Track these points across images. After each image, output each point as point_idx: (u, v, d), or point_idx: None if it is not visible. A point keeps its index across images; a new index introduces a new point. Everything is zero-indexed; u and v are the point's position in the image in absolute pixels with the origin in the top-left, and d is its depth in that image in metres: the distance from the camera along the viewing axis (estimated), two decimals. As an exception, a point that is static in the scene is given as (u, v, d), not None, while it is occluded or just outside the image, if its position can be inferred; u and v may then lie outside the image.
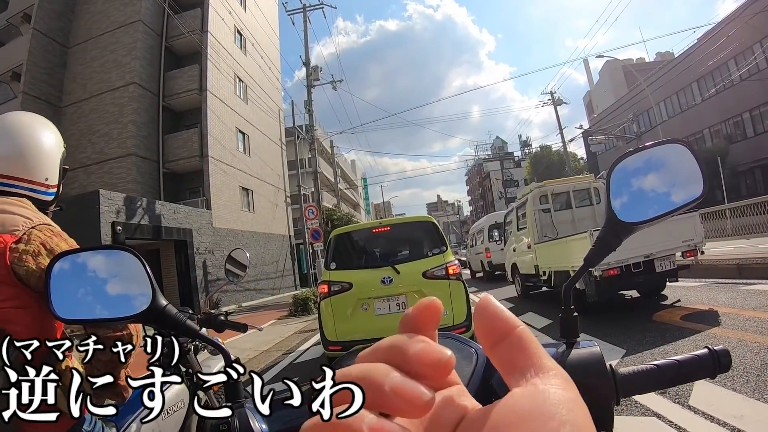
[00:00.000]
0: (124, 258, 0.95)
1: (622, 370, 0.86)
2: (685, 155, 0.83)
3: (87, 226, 16.22)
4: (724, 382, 4.00)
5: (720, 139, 33.85)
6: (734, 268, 9.85)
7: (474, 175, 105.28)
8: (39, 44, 24.43)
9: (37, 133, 1.64)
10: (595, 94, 62.76)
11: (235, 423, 0.80)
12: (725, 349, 0.86)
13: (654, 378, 0.86)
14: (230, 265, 3.29)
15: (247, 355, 9.15)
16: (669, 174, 0.82)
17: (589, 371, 0.82)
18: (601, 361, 0.83)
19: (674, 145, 0.84)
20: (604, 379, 0.82)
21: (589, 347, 0.86)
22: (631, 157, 0.84)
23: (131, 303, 0.93)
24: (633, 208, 0.82)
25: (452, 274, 6.16)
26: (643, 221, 0.82)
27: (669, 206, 0.81)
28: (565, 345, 0.88)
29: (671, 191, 0.81)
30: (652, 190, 0.82)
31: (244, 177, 28.98)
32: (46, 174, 1.65)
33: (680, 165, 0.82)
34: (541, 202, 11.26)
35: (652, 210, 0.81)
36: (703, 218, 8.53)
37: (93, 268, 0.95)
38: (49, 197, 1.69)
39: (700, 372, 0.86)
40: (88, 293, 0.94)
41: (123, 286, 0.94)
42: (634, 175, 0.83)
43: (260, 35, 33.59)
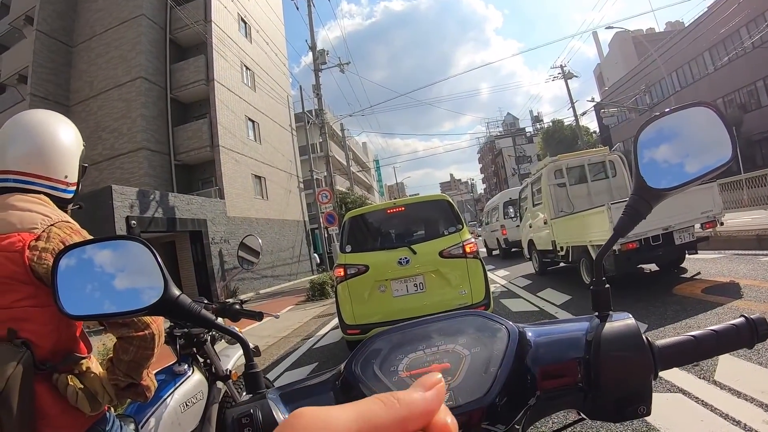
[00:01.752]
0: (133, 248, 0.91)
1: (659, 342, 0.82)
2: (711, 118, 0.80)
3: (101, 222, 16.35)
4: (750, 356, 3.93)
5: (734, 109, 33.24)
6: (754, 239, 9.73)
7: (486, 152, 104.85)
8: (43, 45, 24.56)
9: (56, 130, 1.63)
10: (606, 67, 62.09)
11: (257, 414, 0.76)
12: (762, 317, 0.82)
13: (692, 349, 0.83)
14: (243, 252, 3.27)
15: (267, 342, 9.19)
16: (695, 138, 0.81)
17: (625, 344, 0.78)
18: (638, 334, 0.79)
19: (700, 108, 0.81)
20: (641, 352, 0.78)
21: (624, 319, 0.83)
22: (657, 121, 0.83)
23: (143, 295, 0.89)
24: (661, 174, 0.81)
25: (469, 252, 6.08)
26: (673, 187, 0.80)
27: (698, 171, 0.79)
28: (598, 318, 0.85)
29: (698, 156, 0.79)
30: (679, 156, 0.80)
31: (256, 165, 29.05)
32: (66, 171, 1.63)
33: (707, 129, 0.80)
34: (555, 177, 11.12)
35: (681, 175, 0.80)
36: (720, 189, 8.40)
37: (101, 261, 0.93)
38: (68, 195, 1.67)
39: (739, 341, 0.82)
40: (97, 287, 0.91)
41: (133, 278, 0.91)
42: (660, 141, 0.82)
43: (265, 22, 33.49)
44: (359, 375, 0.78)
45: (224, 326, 0.97)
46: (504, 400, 0.72)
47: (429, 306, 5.87)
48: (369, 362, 0.81)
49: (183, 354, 2.54)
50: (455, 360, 0.78)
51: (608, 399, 0.78)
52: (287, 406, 0.81)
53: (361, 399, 0.76)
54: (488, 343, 0.80)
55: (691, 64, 37.34)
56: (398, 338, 0.86)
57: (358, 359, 0.82)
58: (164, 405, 2.19)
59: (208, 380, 2.58)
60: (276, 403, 0.80)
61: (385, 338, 0.87)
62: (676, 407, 3.36)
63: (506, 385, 0.72)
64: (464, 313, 0.90)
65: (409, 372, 0.77)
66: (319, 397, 0.83)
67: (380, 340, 0.87)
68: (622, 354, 0.78)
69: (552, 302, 8.26)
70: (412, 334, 0.86)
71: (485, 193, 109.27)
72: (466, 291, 5.98)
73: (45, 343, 1.41)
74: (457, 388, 0.72)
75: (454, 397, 0.71)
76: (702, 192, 7.76)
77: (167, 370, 2.43)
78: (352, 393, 0.77)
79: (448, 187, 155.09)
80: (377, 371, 0.79)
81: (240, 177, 26.67)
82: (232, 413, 0.78)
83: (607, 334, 0.80)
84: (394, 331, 0.89)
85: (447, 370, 0.76)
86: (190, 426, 2.33)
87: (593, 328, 0.82)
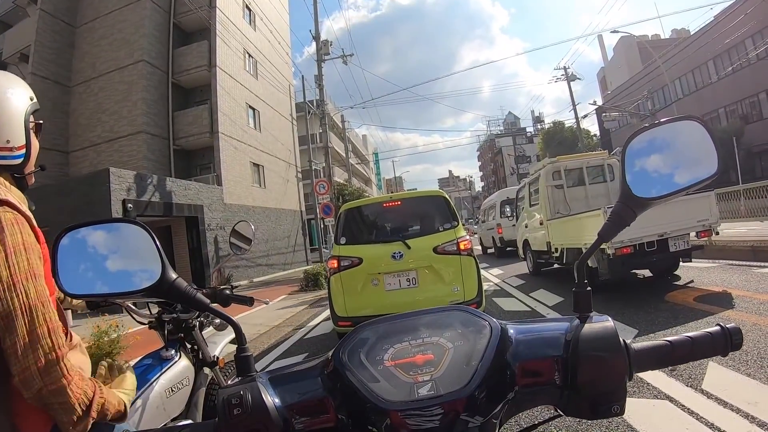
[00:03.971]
0: (133, 231, 0.96)
1: (635, 345, 0.86)
2: (699, 132, 0.84)
3: (98, 204, 16.36)
4: (738, 367, 3.96)
5: (735, 119, 33.38)
6: (749, 250, 9.74)
7: (486, 150, 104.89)
8: (46, 25, 24.46)
9: None
10: (609, 71, 62.06)
11: (247, 397, 0.78)
12: (737, 326, 0.86)
13: (667, 354, 0.87)
14: (234, 238, 3.29)
15: (258, 330, 9.22)
16: (684, 150, 0.84)
17: (602, 345, 0.82)
18: (615, 336, 0.82)
19: (689, 122, 0.85)
20: (617, 353, 0.81)
21: (603, 321, 0.85)
22: (646, 132, 0.86)
23: (141, 277, 0.93)
24: (648, 184, 0.84)
25: (463, 249, 6.08)
26: (657, 197, 0.84)
27: (683, 183, 0.83)
28: (578, 319, 0.88)
29: (685, 168, 0.83)
30: (667, 166, 0.84)
31: (255, 153, 29.02)
32: (7, 136, 1.48)
33: (695, 142, 0.84)
34: (554, 178, 11.15)
35: (666, 186, 0.83)
36: (717, 199, 8.42)
37: (101, 242, 0.97)
38: (16, 160, 1.51)
39: (713, 349, 0.87)
40: (96, 268, 0.95)
41: (132, 260, 0.95)
42: (649, 151, 0.85)
43: (269, 10, 33.41)
44: (346, 362, 0.82)
45: (218, 310, 0.99)
46: (483, 393, 0.75)
47: (421, 301, 5.87)
48: (356, 351, 0.84)
49: (171, 339, 2.56)
50: (439, 352, 0.81)
51: (584, 397, 0.81)
52: (276, 389, 0.84)
53: (348, 386, 0.79)
54: (471, 338, 0.83)
55: (695, 73, 37.38)
56: (385, 329, 0.90)
57: (346, 347, 0.85)
58: (150, 389, 2.19)
59: (195, 366, 2.59)
60: (265, 386, 0.82)
61: (372, 328, 0.90)
62: (662, 414, 3.38)
63: (486, 379, 0.75)
64: (450, 308, 0.93)
65: (395, 362, 0.81)
66: (308, 382, 0.86)
67: (368, 329, 0.90)
68: (599, 354, 0.81)
69: (544, 303, 8.28)
70: (398, 326, 0.90)
71: (483, 191, 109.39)
72: (459, 288, 5.98)
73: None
74: (439, 379, 0.76)
75: (436, 387, 0.74)
76: (699, 200, 7.78)
77: (154, 354, 2.43)
78: (339, 380, 0.81)
79: (447, 184, 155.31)
80: (364, 360, 0.82)
81: (238, 164, 26.63)
82: (222, 394, 0.80)
83: (586, 334, 0.83)
84: (382, 322, 0.92)
85: (430, 361, 0.80)
86: (176, 411, 2.34)
87: (573, 328, 0.85)
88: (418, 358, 0.81)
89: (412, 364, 0.80)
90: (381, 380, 0.78)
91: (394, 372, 0.79)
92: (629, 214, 0.86)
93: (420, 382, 0.76)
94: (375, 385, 0.77)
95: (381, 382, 0.77)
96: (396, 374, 0.79)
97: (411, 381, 0.77)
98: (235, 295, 2.85)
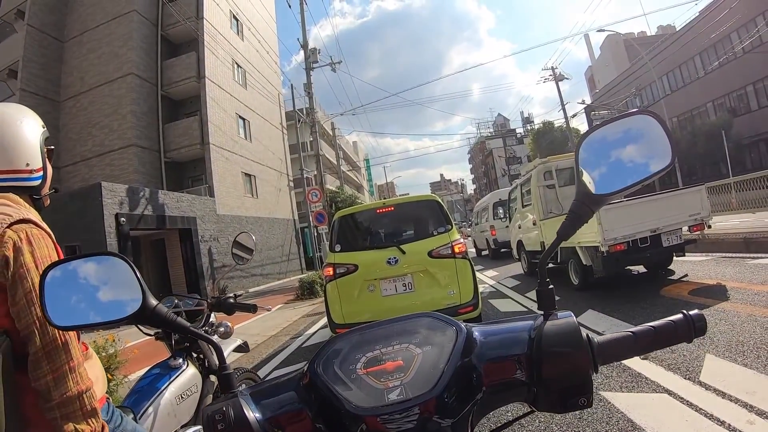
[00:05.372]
0: (114, 263, 1.00)
1: (599, 338, 0.88)
2: (653, 126, 0.85)
3: (91, 218, 16.30)
4: (735, 358, 3.99)
5: (724, 113, 33.60)
6: (741, 242, 9.81)
7: (477, 152, 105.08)
8: (34, 40, 24.39)
9: (9, 123, 1.58)
10: (597, 69, 62.44)
11: (229, 413, 0.82)
12: (701, 313, 0.88)
13: (630, 345, 0.88)
14: (237, 249, 3.36)
15: (255, 340, 9.19)
16: (637, 145, 0.85)
17: (565, 341, 0.84)
18: (577, 330, 0.85)
19: (643, 116, 0.87)
20: (580, 348, 0.84)
21: (566, 318, 0.88)
22: (600, 129, 0.88)
23: (123, 306, 0.97)
24: (603, 180, 0.86)
25: (458, 252, 6.09)
26: (612, 192, 0.85)
27: (638, 176, 0.84)
28: (543, 317, 0.90)
29: (640, 161, 0.84)
30: (622, 161, 0.86)
31: (246, 163, 28.99)
32: (26, 159, 1.59)
33: (649, 135, 0.85)
34: (545, 178, 11.15)
35: (621, 181, 0.84)
36: (708, 192, 8.46)
37: (85, 275, 1.00)
38: (35, 182, 1.64)
39: (676, 336, 0.88)
40: (82, 299, 0.99)
41: (114, 291, 0.99)
42: (603, 148, 0.87)
43: (257, 20, 33.45)
44: (321, 374, 0.85)
45: (197, 332, 1.03)
46: (452, 394, 0.78)
47: (418, 306, 5.87)
48: (330, 362, 0.87)
49: (177, 349, 2.61)
50: (408, 358, 0.85)
51: (551, 392, 0.84)
52: (257, 404, 0.87)
53: (323, 396, 0.81)
54: (439, 342, 0.87)
55: (682, 68, 37.66)
56: (357, 338, 0.93)
57: (320, 359, 0.88)
58: (161, 397, 2.25)
59: (202, 374, 2.62)
60: (247, 402, 0.86)
61: (345, 339, 0.94)
62: (661, 407, 3.40)
63: (453, 381, 0.79)
64: (419, 315, 0.96)
65: (366, 369, 0.84)
66: (286, 395, 0.89)
67: (341, 340, 0.93)
68: (562, 350, 0.83)
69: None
70: (370, 335, 0.93)
71: (475, 194, 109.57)
72: (455, 291, 5.99)
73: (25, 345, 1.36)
74: (408, 383, 0.79)
75: (405, 392, 0.78)
76: (690, 195, 7.84)
77: (163, 364, 2.50)
78: (315, 391, 0.84)
79: (439, 187, 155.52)
80: (337, 370, 0.85)
81: (230, 175, 26.60)
82: (207, 411, 0.84)
83: (548, 331, 0.86)
84: (354, 332, 0.95)
85: (400, 367, 0.83)
86: (185, 418, 2.38)
87: (536, 326, 0.88)
88: (389, 365, 0.84)
89: (383, 371, 0.83)
90: (353, 388, 0.81)
91: (366, 379, 0.82)
92: (586, 212, 0.88)
93: (390, 388, 0.79)
94: (348, 393, 0.80)
95: (353, 390, 0.80)
96: (368, 381, 0.82)
97: (382, 387, 0.80)
98: (239, 303, 2.90)
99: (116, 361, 5.70)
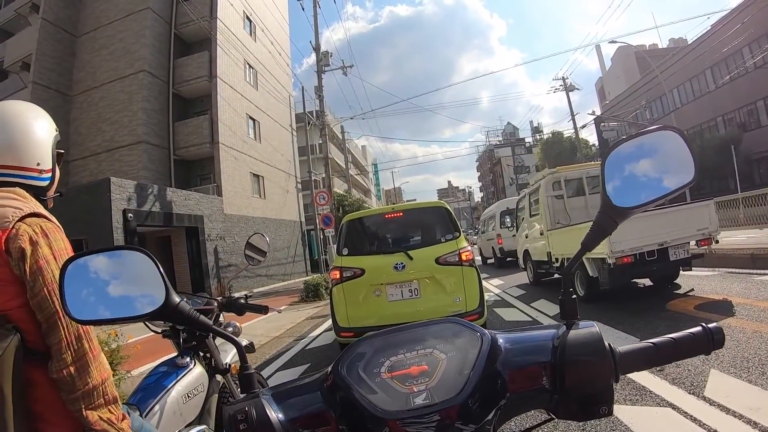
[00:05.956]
0: (137, 258, 0.98)
1: (620, 348, 0.89)
2: (676, 142, 0.87)
3: (98, 213, 16.36)
4: (740, 374, 3.98)
5: (733, 127, 33.48)
6: (748, 258, 9.76)
7: (485, 161, 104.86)
8: (48, 34, 24.56)
9: (24, 121, 1.59)
10: (608, 81, 62.25)
11: (252, 413, 0.82)
12: (719, 326, 0.89)
13: (651, 355, 0.89)
14: (249, 250, 3.36)
15: (259, 341, 9.19)
16: (661, 160, 0.87)
17: (588, 350, 0.85)
18: (600, 340, 0.86)
19: (666, 132, 0.88)
20: (602, 357, 0.85)
21: (588, 327, 0.89)
22: (626, 143, 0.89)
23: (145, 302, 0.96)
24: (627, 193, 0.87)
25: (465, 260, 6.08)
26: (636, 206, 0.87)
27: (661, 191, 0.86)
28: (565, 326, 0.91)
29: (663, 177, 0.86)
30: (645, 176, 0.87)
31: (255, 163, 29.04)
32: (38, 159, 1.60)
33: (672, 151, 0.87)
34: (554, 189, 11.15)
35: (644, 195, 0.86)
36: (716, 207, 8.44)
37: (106, 269, 0.99)
38: (43, 182, 1.64)
39: (695, 348, 0.89)
40: (103, 294, 0.97)
41: (136, 286, 0.97)
42: (628, 161, 0.88)
43: (270, 21, 33.52)
44: (345, 376, 0.85)
45: (221, 330, 1.03)
46: (476, 401, 0.79)
47: (423, 312, 5.86)
48: (354, 365, 0.88)
49: (185, 348, 2.61)
50: (433, 362, 0.85)
51: (573, 400, 0.85)
52: (279, 404, 0.87)
53: (347, 398, 0.81)
54: (463, 348, 0.88)
55: (693, 82, 37.51)
56: (381, 342, 0.94)
57: (344, 362, 0.89)
58: (167, 395, 2.25)
59: (209, 373, 2.63)
60: (269, 402, 0.86)
61: (369, 342, 0.94)
62: (665, 422, 3.39)
63: (478, 387, 0.79)
64: (443, 320, 0.97)
65: (391, 373, 0.85)
66: (309, 396, 0.89)
67: (365, 344, 0.94)
68: (585, 359, 0.84)
69: (545, 313, 8.28)
70: (394, 339, 0.94)
71: (482, 202, 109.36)
72: (461, 299, 5.98)
73: (38, 337, 1.39)
74: (434, 388, 0.80)
75: (431, 396, 0.78)
76: (698, 209, 7.81)
77: (170, 362, 2.50)
78: (338, 393, 0.85)
79: (446, 194, 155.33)
80: (361, 373, 0.86)
81: (238, 175, 26.67)
82: (228, 410, 0.84)
83: (572, 340, 0.87)
84: (378, 335, 0.96)
85: (425, 371, 0.84)
86: (191, 416, 2.39)
87: (560, 335, 0.89)
88: (413, 369, 0.85)
89: (407, 375, 0.84)
90: (378, 392, 0.81)
91: (391, 383, 0.83)
92: (610, 224, 0.89)
93: (415, 392, 0.80)
94: (373, 397, 0.80)
95: (378, 394, 0.81)
96: (392, 385, 0.82)
97: (407, 391, 0.80)
98: (250, 304, 2.90)
99: (119, 356, 5.70)
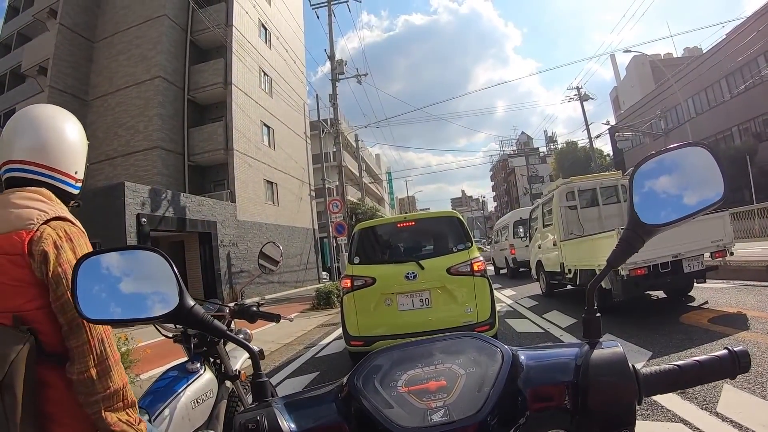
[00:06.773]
0: (151, 258, 0.97)
1: (644, 370, 0.87)
2: (706, 158, 0.85)
3: (112, 217, 16.50)
4: (753, 389, 3.92)
5: (749, 138, 33.14)
6: (763, 271, 9.62)
7: (499, 170, 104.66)
8: (65, 39, 24.93)
9: (64, 126, 1.62)
10: (622, 90, 62.08)
11: (263, 422, 0.81)
12: (745, 349, 0.88)
13: (676, 378, 0.87)
14: (263, 260, 3.36)
15: (270, 348, 9.19)
16: (690, 176, 0.85)
17: (611, 371, 0.83)
18: (624, 361, 0.84)
19: (696, 148, 0.86)
20: (626, 379, 0.83)
21: (612, 347, 0.87)
22: (654, 159, 0.87)
23: (159, 304, 0.94)
24: (655, 210, 0.85)
25: (477, 270, 6.04)
26: (664, 224, 0.85)
27: (690, 209, 0.84)
28: (588, 345, 0.90)
29: (692, 193, 0.84)
30: (674, 193, 0.85)
31: (269, 170, 29.18)
32: (76, 167, 1.64)
33: (701, 167, 0.85)
34: (567, 199, 11.10)
35: (673, 212, 0.84)
36: (731, 218, 8.34)
37: (120, 269, 0.97)
38: (75, 190, 1.67)
39: (721, 372, 0.88)
40: (115, 294, 0.96)
41: (150, 287, 0.96)
42: (656, 177, 0.87)
43: (285, 29, 33.71)
44: (361, 388, 0.83)
45: (234, 336, 1.02)
46: (495, 418, 0.76)
47: (434, 322, 5.84)
48: (370, 377, 0.85)
49: (195, 353, 2.61)
50: (451, 378, 0.83)
51: (594, 421, 0.82)
52: (291, 414, 0.85)
53: (362, 411, 0.80)
54: (483, 364, 0.85)
55: (708, 91, 37.21)
56: (399, 355, 0.91)
57: (360, 373, 0.87)
58: (177, 400, 2.26)
59: (218, 379, 2.63)
60: (281, 412, 0.84)
61: (386, 355, 0.92)
62: (677, 437, 3.35)
63: (498, 405, 0.77)
64: (462, 335, 0.95)
65: (408, 388, 0.82)
66: (322, 407, 0.87)
67: (382, 356, 0.92)
68: (609, 380, 0.82)
69: (557, 325, 8.21)
70: (412, 352, 0.92)
71: (496, 211, 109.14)
72: (472, 309, 5.94)
73: (54, 339, 1.40)
74: (452, 405, 0.77)
75: (449, 413, 0.75)
76: (713, 221, 7.73)
77: (180, 367, 2.50)
78: (354, 405, 0.82)
79: (459, 204, 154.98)
80: (378, 386, 0.83)
81: (252, 181, 26.81)
82: (239, 419, 0.82)
83: (596, 360, 0.85)
84: (396, 348, 0.94)
85: (443, 387, 0.81)
86: (199, 422, 2.39)
87: (583, 354, 0.87)
88: (431, 384, 0.82)
89: (425, 390, 0.81)
90: (395, 406, 0.79)
91: (408, 398, 0.80)
92: (637, 241, 0.87)
93: (433, 408, 0.77)
94: (389, 411, 0.78)
95: (395, 408, 0.78)
96: (409, 400, 0.80)
97: (424, 407, 0.78)
98: (262, 312, 2.89)
99: (128, 359, 5.73)
